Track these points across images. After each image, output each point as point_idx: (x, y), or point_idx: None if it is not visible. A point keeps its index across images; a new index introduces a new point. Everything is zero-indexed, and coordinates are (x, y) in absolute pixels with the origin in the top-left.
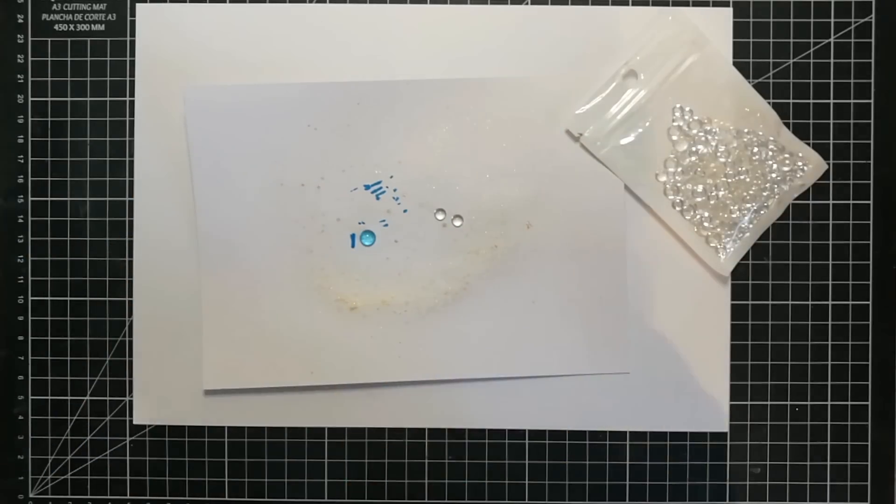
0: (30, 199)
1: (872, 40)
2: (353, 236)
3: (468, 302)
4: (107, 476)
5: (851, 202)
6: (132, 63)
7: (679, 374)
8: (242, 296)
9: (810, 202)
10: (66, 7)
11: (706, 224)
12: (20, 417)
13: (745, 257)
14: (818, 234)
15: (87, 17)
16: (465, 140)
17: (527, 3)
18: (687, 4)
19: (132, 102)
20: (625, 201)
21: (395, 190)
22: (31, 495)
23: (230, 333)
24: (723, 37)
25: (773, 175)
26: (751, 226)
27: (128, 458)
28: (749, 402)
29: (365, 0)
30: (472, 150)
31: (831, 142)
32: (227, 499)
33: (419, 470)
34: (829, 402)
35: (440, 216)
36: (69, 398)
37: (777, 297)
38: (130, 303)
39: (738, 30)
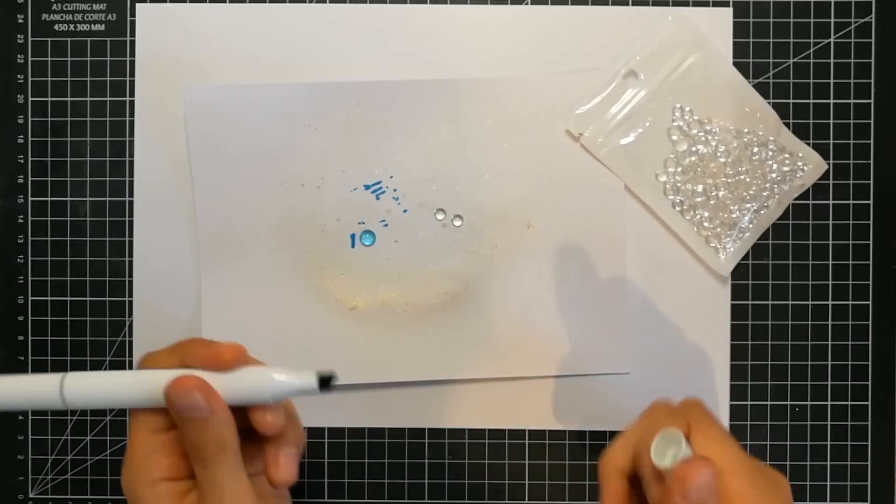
0: (30, 199)
1: (872, 40)
2: (353, 236)
3: (468, 302)
4: (107, 476)
5: (851, 202)
6: (132, 63)
7: (679, 374)
8: (242, 296)
9: (810, 202)
10: (66, 7)
11: (706, 224)
12: (20, 417)
13: (745, 257)
14: (818, 234)
15: (87, 17)
16: (465, 140)
17: (527, 3)
18: (687, 4)
19: (132, 102)
20: (625, 201)
21: (395, 190)
22: (31, 495)
23: (230, 333)
24: (723, 37)
25: (773, 175)
26: (751, 226)
27: None
28: (749, 402)
29: (364, 0)
30: (472, 150)
31: (831, 142)
32: None
33: (419, 470)
34: (829, 402)
35: (440, 216)
36: None
37: (777, 297)
38: (130, 303)
39: (738, 30)
